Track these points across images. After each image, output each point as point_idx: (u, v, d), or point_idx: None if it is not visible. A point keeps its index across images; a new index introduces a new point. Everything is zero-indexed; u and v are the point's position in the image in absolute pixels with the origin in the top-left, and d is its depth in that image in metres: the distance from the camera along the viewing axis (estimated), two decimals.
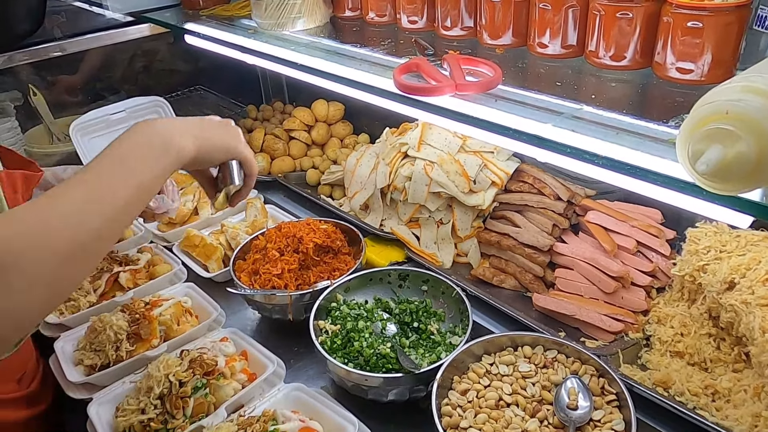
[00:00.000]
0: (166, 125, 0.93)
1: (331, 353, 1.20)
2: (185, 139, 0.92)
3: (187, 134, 0.93)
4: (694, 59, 0.91)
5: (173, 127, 0.93)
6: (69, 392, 1.24)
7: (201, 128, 0.97)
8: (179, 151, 0.90)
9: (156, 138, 0.89)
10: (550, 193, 1.47)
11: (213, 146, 0.98)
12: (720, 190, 0.66)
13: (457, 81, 1.01)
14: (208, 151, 0.97)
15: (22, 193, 1.06)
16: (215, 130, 0.99)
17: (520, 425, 1.03)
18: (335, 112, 2.12)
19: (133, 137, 0.88)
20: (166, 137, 0.90)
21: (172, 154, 0.90)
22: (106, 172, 0.83)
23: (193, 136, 0.94)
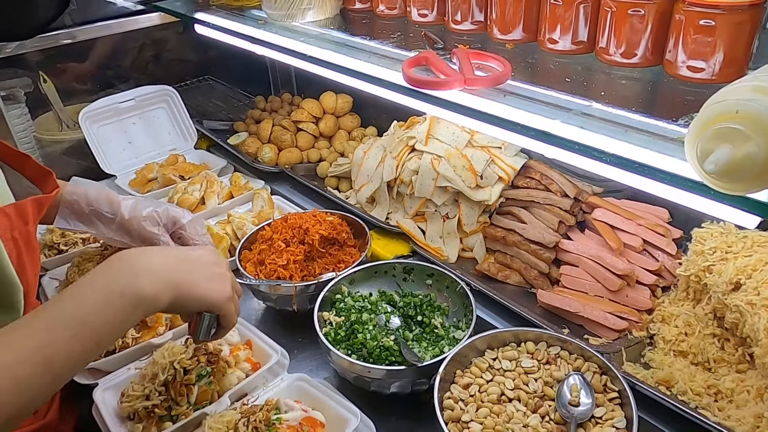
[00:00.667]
0: (146, 266, 0.84)
1: (334, 345, 1.21)
2: (161, 288, 0.84)
3: (166, 281, 0.85)
4: (706, 58, 0.90)
5: (151, 271, 0.84)
6: (75, 377, 1.25)
7: (186, 273, 0.88)
8: (151, 303, 0.83)
9: (129, 288, 0.81)
10: (557, 189, 1.46)
11: (191, 298, 0.88)
12: (728, 189, 0.65)
13: (466, 75, 1.01)
14: (182, 304, 0.88)
15: (33, 220, 1.02)
16: (201, 279, 0.90)
17: (521, 420, 1.03)
18: (343, 104, 2.12)
19: (105, 281, 0.81)
20: (140, 287, 0.82)
21: (141, 309, 0.82)
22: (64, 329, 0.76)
23: (173, 285, 0.85)
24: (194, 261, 0.91)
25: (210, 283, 0.91)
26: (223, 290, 0.93)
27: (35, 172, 1.11)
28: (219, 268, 0.94)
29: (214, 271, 0.93)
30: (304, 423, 1.06)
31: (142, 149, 2.13)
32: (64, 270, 1.51)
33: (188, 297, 0.88)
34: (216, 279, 0.92)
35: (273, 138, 2.10)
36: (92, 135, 2.01)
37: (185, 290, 0.87)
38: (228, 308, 0.94)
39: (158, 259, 0.87)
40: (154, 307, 0.84)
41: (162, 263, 0.86)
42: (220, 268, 0.95)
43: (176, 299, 0.86)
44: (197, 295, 0.89)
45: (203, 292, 0.90)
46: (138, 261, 0.85)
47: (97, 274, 0.83)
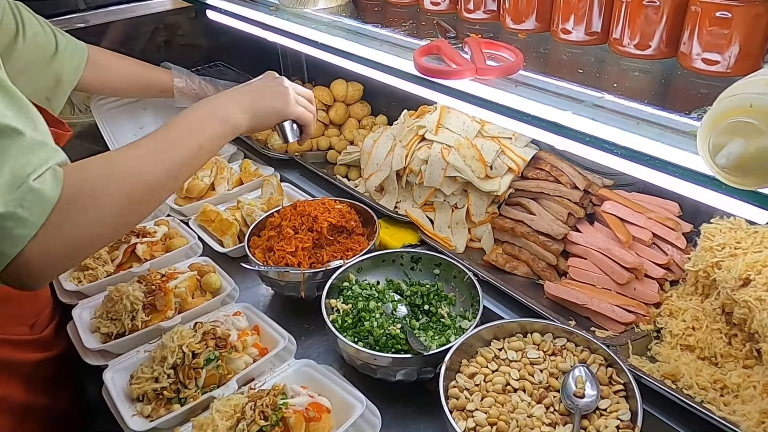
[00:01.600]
0: (225, 101, 1.13)
1: (341, 332, 1.22)
2: (240, 113, 1.12)
3: (242, 109, 1.13)
4: (721, 50, 0.89)
5: (229, 103, 1.12)
6: (85, 358, 1.27)
7: (255, 99, 1.17)
8: (234, 124, 1.11)
9: (216, 112, 1.08)
10: (566, 181, 1.46)
11: (265, 115, 1.18)
12: (739, 184, 0.65)
13: (477, 65, 1.00)
14: (260, 121, 1.18)
15: None
16: (267, 99, 1.19)
17: (525, 410, 1.04)
18: (354, 92, 2.12)
19: (198, 111, 1.08)
20: (224, 113, 1.09)
21: (228, 127, 1.09)
22: (172, 133, 1.01)
23: (247, 110, 1.14)
24: (260, 91, 1.20)
25: (275, 100, 1.21)
26: (287, 99, 1.22)
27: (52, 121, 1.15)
28: (278, 86, 1.23)
29: (275, 90, 1.22)
30: (310, 408, 1.07)
31: None
32: None
33: (263, 116, 1.18)
34: (277, 95, 1.22)
35: None
36: (103, 120, 2.02)
37: (260, 112, 1.17)
38: (294, 110, 1.24)
39: (233, 97, 1.16)
40: (237, 128, 1.12)
41: (237, 99, 1.15)
42: (279, 86, 1.23)
43: (253, 121, 1.15)
44: (269, 111, 1.19)
45: (273, 107, 1.20)
46: (219, 100, 1.13)
47: (188, 111, 1.07)
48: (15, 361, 1.27)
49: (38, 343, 1.33)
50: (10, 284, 0.83)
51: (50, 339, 1.36)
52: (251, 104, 1.15)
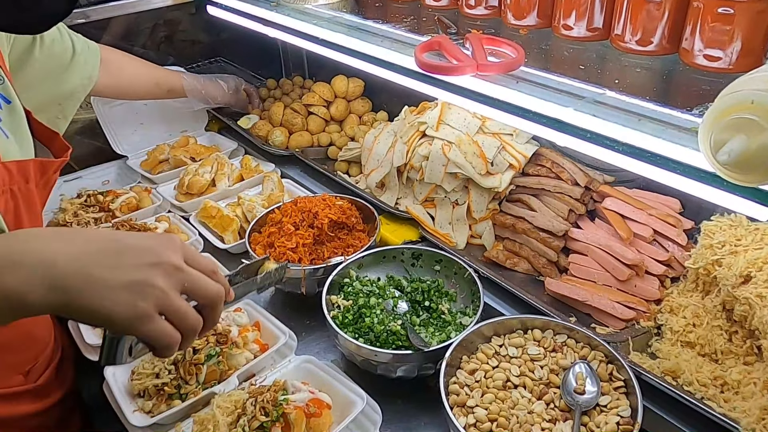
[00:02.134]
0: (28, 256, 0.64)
1: (342, 328, 1.22)
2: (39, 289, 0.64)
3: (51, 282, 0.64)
4: (723, 47, 0.89)
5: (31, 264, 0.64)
6: (86, 354, 1.27)
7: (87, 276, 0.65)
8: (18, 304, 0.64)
9: None
10: (567, 178, 1.46)
11: (85, 312, 0.66)
12: (741, 181, 0.65)
13: (478, 61, 1.00)
14: (76, 315, 0.67)
15: (35, 180, 1.03)
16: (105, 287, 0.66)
17: (526, 407, 1.04)
18: (355, 88, 2.11)
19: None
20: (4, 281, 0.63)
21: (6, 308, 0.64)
22: None
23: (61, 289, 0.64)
24: (110, 262, 0.67)
25: (117, 294, 0.66)
26: (133, 306, 0.66)
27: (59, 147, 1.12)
28: (149, 270, 0.68)
29: (136, 277, 0.67)
30: (310, 404, 1.07)
31: (154, 130, 2.14)
32: None
33: (78, 307, 0.65)
34: (131, 288, 0.66)
35: (284, 121, 2.10)
36: (104, 115, 2.02)
37: (77, 301, 0.65)
38: (138, 330, 0.68)
39: (58, 250, 0.66)
40: (20, 310, 0.65)
41: (59, 258, 0.65)
42: (151, 271, 0.68)
43: (64, 307, 0.65)
44: (91, 308, 0.65)
45: (100, 305, 0.65)
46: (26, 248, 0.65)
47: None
48: (6, 418, 1.09)
49: (33, 394, 1.15)
50: None
51: (48, 386, 1.19)
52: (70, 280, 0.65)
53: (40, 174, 1.04)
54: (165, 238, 0.73)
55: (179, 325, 0.71)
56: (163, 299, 0.69)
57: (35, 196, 1.05)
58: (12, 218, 0.98)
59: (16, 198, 0.99)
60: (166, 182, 1.91)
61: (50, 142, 1.12)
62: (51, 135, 1.12)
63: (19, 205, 1.00)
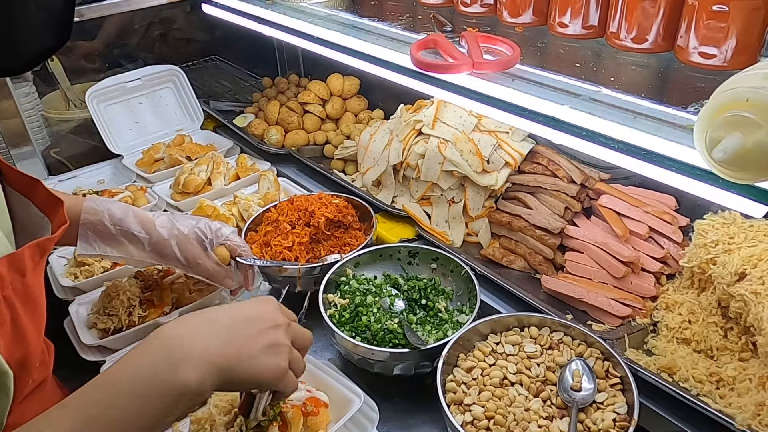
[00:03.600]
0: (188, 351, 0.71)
1: (339, 326, 1.22)
2: (204, 375, 0.71)
3: (210, 367, 0.72)
4: (718, 44, 0.89)
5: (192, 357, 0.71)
6: (83, 354, 1.27)
7: (233, 353, 0.74)
8: (195, 394, 0.71)
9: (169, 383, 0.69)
10: (563, 175, 1.46)
11: (239, 380, 0.76)
12: (736, 178, 0.65)
13: (474, 59, 1.00)
14: (230, 386, 0.77)
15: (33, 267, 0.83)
16: (250, 357, 0.76)
17: (523, 404, 1.04)
18: (350, 86, 2.11)
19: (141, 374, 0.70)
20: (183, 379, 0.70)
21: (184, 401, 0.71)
22: None
23: (218, 370, 0.72)
24: (244, 329, 0.77)
25: (262, 359, 0.77)
26: (277, 366, 0.79)
27: (45, 199, 0.92)
28: (274, 332, 0.80)
29: (268, 341, 0.79)
30: (307, 402, 1.07)
31: (149, 129, 2.13)
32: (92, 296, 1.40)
33: (236, 379, 0.75)
34: (269, 352, 0.78)
35: (279, 120, 2.10)
36: (99, 114, 2.01)
37: (232, 373, 0.74)
38: (281, 385, 0.81)
39: (201, 340, 0.74)
40: (199, 397, 0.72)
41: (205, 345, 0.73)
42: (276, 333, 0.80)
43: (223, 383, 0.74)
44: (246, 376, 0.76)
45: (253, 372, 0.76)
46: (178, 345, 0.72)
47: (131, 364, 0.72)
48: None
49: None
50: None
51: None
52: (222, 361, 0.73)
53: (39, 257, 0.85)
54: (269, 302, 0.84)
55: (298, 371, 0.85)
56: (290, 353, 0.82)
57: (33, 288, 0.85)
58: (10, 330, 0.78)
59: (12, 305, 0.79)
60: (162, 181, 1.90)
61: (31, 193, 0.91)
62: (31, 183, 0.91)
63: (17, 311, 0.80)
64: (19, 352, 0.80)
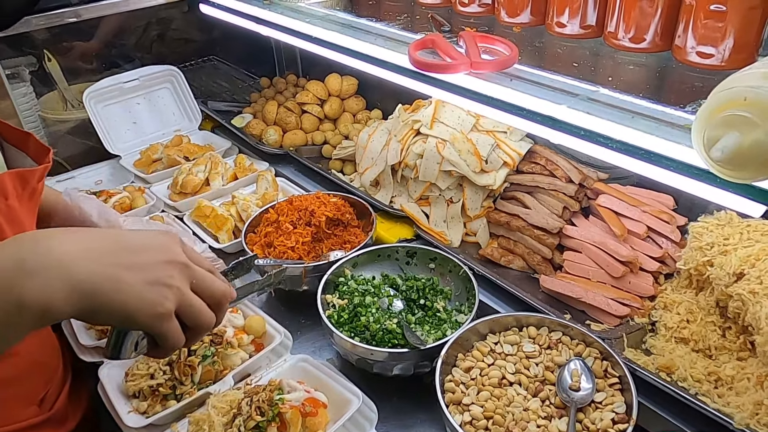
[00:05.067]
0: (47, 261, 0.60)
1: (337, 327, 1.22)
2: (61, 294, 0.60)
3: (74, 286, 0.60)
4: (716, 43, 0.89)
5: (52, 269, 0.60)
6: (81, 355, 1.27)
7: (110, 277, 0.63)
8: (41, 313, 0.59)
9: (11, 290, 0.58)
10: (562, 175, 1.46)
11: (108, 312, 0.63)
12: (734, 177, 0.65)
13: (472, 59, 1.00)
14: (96, 317, 0.64)
15: (16, 194, 0.92)
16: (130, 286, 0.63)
17: (521, 404, 1.04)
18: (348, 86, 2.11)
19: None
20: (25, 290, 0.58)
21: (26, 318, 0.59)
22: None
23: (84, 293, 0.61)
24: (130, 260, 0.65)
25: (138, 292, 0.64)
26: (155, 304, 0.65)
27: (37, 149, 1.04)
28: (165, 268, 0.67)
29: (154, 275, 0.66)
30: (306, 403, 1.07)
31: (147, 130, 2.13)
32: None
33: (102, 309, 0.63)
34: (151, 287, 0.65)
35: (278, 120, 2.10)
36: (97, 115, 2.01)
37: (100, 302, 0.62)
38: (160, 329, 0.67)
39: (68, 255, 0.62)
40: (45, 317, 0.60)
41: (71, 260, 0.61)
42: (167, 271, 0.67)
43: (87, 311, 0.62)
44: (114, 307, 0.63)
45: (123, 305, 0.63)
46: (38, 251, 0.61)
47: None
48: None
49: (52, 423, 1.08)
50: None
51: (63, 412, 1.11)
52: (93, 282, 0.61)
53: (21, 186, 0.92)
54: (169, 236, 0.71)
55: (193, 321, 0.70)
56: (181, 297, 0.68)
57: (19, 213, 0.92)
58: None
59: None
60: (160, 182, 1.90)
61: (24, 146, 1.02)
62: (23, 137, 1.00)
63: (3, 227, 0.89)
64: None
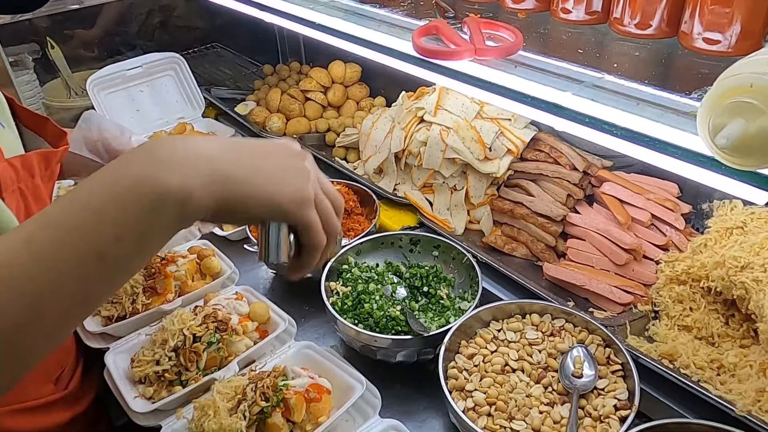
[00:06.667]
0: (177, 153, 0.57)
1: (341, 314, 1.22)
2: (198, 181, 0.56)
3: (209, 172, 0.58)
4: (723, 29, 0.88)
5: (185, 158, 0.57)
6: (87, 341, 1.28)
7: (243, 163, 0.60)
8: (181, 202, 0.56)
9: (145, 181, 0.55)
10: (566, 162, 1.45)
11: (248, 197, 0.60)
12: (739, 165, 0.65)
13: (476, 45, 0.99)
14: (234, 206, 0.60)
15: (40, 174, 0.98)
16: (264, 172, 0.61)
17: (524, 390, 1.05)
18: (352, 74, 2.10)
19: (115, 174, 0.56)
20: (162, 179, 0.55)
21: (166, 210, 0.55)
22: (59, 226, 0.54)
23: (220, 178, 0.58)
24: (264, 150, 0.63)
25: (280, 179, 0.62)
26: (297, 189, 0.62)
27: (54, 133, 1.07)
28: (298, 159, 0.65)
29: (290, 164, 0.64)
30: (310, 389, 1.08)
31: (150, 117, 2.13)
32: None
33: (245, 199, 0.60)
34: (291, 174, 0.63)
35: (281, 107, 2.09)
36: (100, 102, 2.01)
37: (240, 188, 0.59)
38: (304, 217, 0.63)
39: (207, 145, 0.60)
40: (188, 208, 0.56)
41: (206, 149, 0.59)
42: (299, 160, 0.65)
43: (227, 200, 0.58)
44: (258, 196, 0.60)
45: (267, 192, 0.61)
46: (166, 147, 0.58)
47: (108, 167, 0.58)
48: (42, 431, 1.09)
49: (66, 401, 1.15)
50: None
51: (78, 392, 1.19)
52: (226, 167, 0.59)
53: (44, 166, 0.99)
54: (290, 139, 0.70)
55: (326, 218, 0.66)
56: (316, 187, 0.65)
57: (42, 191, 0.99)
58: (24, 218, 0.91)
59: (25, 197, 0.94)
60: None
61: (42, 130, 1.06)
62: (41, 121, 1.05)
63: (30, 203, 0.95)
64: None
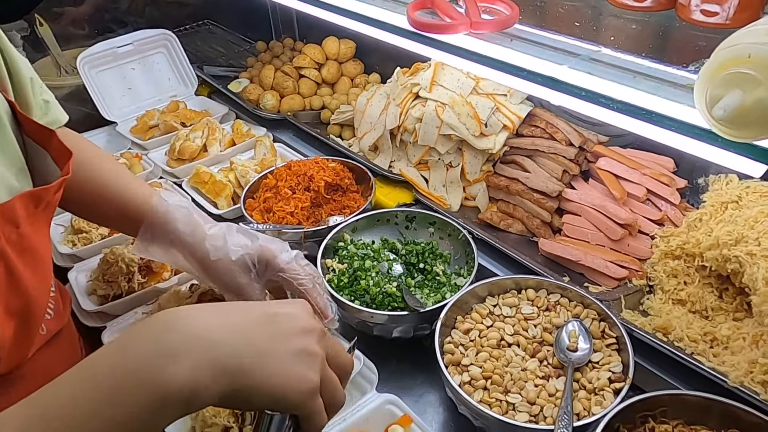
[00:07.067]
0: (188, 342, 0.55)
1: (338, 290, 1.23)
2: (207, 376, 0.54)
3: (218, 367, 0.55)
4: (720, 1, 0.87)
5: (195, 351, 0.54)
6: (84, 320, 1.28)
7: (253, 355, 0.57)
8: (188, 398, 0.53)
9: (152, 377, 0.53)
10: (562, 138, 1.45)
11: (255, 392, 0.57)
12: (736, 137, 0.65)
13: (472, 19, 0.98)
14: (240, 399, 0.57)
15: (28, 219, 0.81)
16: (274, 364, 0.57)
17: (519, 364, 1.06)
18: (346, 50, 2.08)
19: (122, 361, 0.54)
20: (170, 375, 0.53)
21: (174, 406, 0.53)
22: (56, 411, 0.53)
23: (229, 373, 0.55)
24: (270, 331, 0.60)
25: (287, 365, 0.58)
26: (304, 378, 0.59)
27: (58, 151, 0.89)
28: (306, 338, 0.61)
29: (297, 347, 0.60)
30: None
31: (142, 95, 2.10)
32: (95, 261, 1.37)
33: (249, 390, 0.56)
34: (298, 361, 0.59)
35: (275, 85, 2.07)
36: (91, 80, 1.98)
37: (247, 381, 0.56)
38: (309, 407, 0.60)
39: (212, 324, 0.58)
40: (193, 405, 0.54)
41: (217, 333, 0.57)
42: (308, 340, 0.61)
43: (232, 392, 0.56)
44: (264, 387, 0.57)
45: (273, 382, 0.57)
46: (176, 331, 0.56)
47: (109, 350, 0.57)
48: None
49: None
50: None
51: None
52: (236, 361, 0.56)
53: (33, 205, 0.81)
54: (301, 304, 0.65)
55: (330, 396, 0.62)
56: (323, 368, 0.61)
57: (32, 239, 0.82)
58: (4, 283, 0.76)
59: (5, 256, 0.77)
60: (157, 148, 1.89)
61: (47, 143, 0.88)
62: (46, 134, 0.87)
63: (12, 263, 0.78)
64: (18, 301, 0.80)
